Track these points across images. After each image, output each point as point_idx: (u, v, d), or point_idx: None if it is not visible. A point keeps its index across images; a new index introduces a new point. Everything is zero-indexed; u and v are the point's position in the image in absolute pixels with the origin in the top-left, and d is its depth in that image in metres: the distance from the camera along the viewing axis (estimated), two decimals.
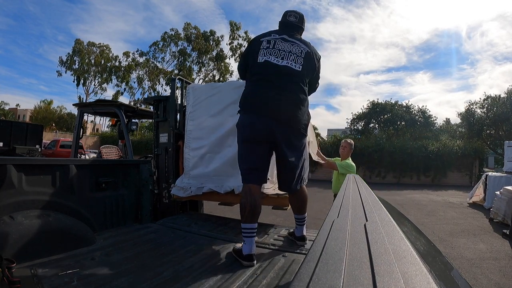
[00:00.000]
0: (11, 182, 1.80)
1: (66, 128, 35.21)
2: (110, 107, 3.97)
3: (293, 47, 1.88)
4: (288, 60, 1.84)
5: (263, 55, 1.85)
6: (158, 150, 2.98)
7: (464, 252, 4.09)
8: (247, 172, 1.82)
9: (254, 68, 1.88)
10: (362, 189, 1.36)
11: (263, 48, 1.87)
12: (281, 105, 1.78)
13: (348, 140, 3.74)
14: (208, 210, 3.69)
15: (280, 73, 1.82)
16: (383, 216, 0.76)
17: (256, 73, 1.87)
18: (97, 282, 1.38)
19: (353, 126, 24.54)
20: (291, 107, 1.81)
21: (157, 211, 2.85)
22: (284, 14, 2.05)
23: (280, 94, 1.79)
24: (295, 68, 1.84)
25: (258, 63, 1.86)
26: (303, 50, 1.90)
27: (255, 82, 1.87)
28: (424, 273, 0.39)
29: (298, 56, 1.87)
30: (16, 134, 11.24)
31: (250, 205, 1.74)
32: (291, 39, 1.91)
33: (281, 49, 1.85)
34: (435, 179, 14.80)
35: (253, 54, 1.90)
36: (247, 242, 1.73)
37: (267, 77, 1.82)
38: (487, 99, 21.83)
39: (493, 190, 7.03)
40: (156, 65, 32.30)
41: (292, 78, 1.84)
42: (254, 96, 1.83)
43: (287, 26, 2.00)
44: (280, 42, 1.88)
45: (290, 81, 1.83)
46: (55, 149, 16.35)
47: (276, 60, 1.83)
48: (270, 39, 1.90)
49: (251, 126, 1.80)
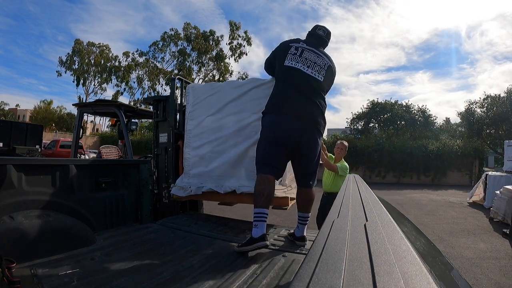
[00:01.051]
0: (11, 182, 1.80)
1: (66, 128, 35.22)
2: (110, 107, 3.97)
3: (318, 59, 2.06)
4: (313, 70, 2.01)
5: (291, 60, 2.02)
6: (158, 150, 2.98)
7: (464, 252, 4.09)
8: (264, 165, 1.94)
9: (282, 71, 2.04)
10: (362, 189, 1.36)
11: (291, 54, 2.03)
12: (307, 110, 1.94)
13: (345, 143, 3.79)
14: (208, 210, 3.69)
15: (305, 80, 1.99)
16: (383, 216, 0.76)
17: (283, 76, 2.03)
18: (97, 282, 1.38)
19: (353, 125, 24.54)
20: (315, 113, 1.97)
21: (157, 211, 2.85)
22: (314, 27, 2.25)
23: (306, 100, 1.95)
24: (318, 78, 2.02)
25: (285, 67, 2.02)
26: (326, 64, 2.08)
27: (282, 85, 2.03)
28: (424, 273, 0.39)
29: (322, 68, 2.05)
30: (16, 134, 11.23)
31: (268, 192, 1.87)
32: (317, 51, 2.09)
33: (307, 58, 2.03)
34: (435, 178, 14.81)
35: (280, 56, 2.07)
36: (260, 226, 1.81)
37: (294, 82, 1.98)
38: (487, 99, 21.85)
39: (493, 189, 7.04)
40: (156, 65, 32.31)
41: (315, 86, 2.00)
42: (282, 99, 1.97)
43: (315, 37, 2.20)
44: (307, 52, 2.05)
45: (313, 89, 2.00)
46: (55, 149, 16.35)
47: (303, 68, 2.00)
48: (298, 46, 2.06)
49: (277, 127, 1.93)
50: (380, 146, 15.65)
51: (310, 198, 2.13)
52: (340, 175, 3.47)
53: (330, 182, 3.60)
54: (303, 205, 2.13)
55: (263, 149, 1.98)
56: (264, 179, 1.89)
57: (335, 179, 3.54)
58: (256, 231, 1.79)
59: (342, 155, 3.71)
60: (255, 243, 1.76)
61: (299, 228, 2.11)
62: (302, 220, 2.11)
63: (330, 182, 3.60)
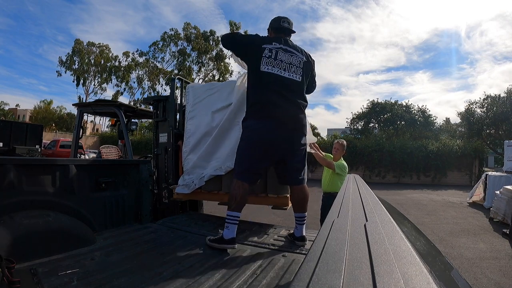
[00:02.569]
0: (11, 182, 1.80)
1: (66, 128, 35.20)
2: (110, 107, 3.97)
3: (292, 58, 2.03)
4: (290, 72, 2.01)
5: (267, 65, 1.97)
6: (158, 150, 2.98)
7: (464, 252, 4.09)
8: (245, 173, 1.97)
9: (258, 76, 1.99)
10: (362, 189, 1.36)
11: (265, 57, 1.97)
12: (289, 114, 1.95)
13: (340, 141, 3.72)
14: (208, 210, 3.69)
15: (284, 84, 1.98)
16: (383, 216, 0.76)
17: (261, 82, 1.99)
18: (97, 282, 1.38)
19: (353, 125, 24.53)
20: (297, 115, 1.99)
21: (157, 211, 2.85)
22: (277, 21, 2.16)
23: (287, 103, 1.95)
24: (296, 79, 2.02)
25: (261, 72, 1.97)
26: (301, 60, 2.06)
27: (261, 90, 1.98)
28: (424, 273, 0.39)
29: (297, 67, 2.04)
30: (16, 134, 11.24)
31: (241, 197, 1.93)
32: (290, 49, 2.05)
33: (283, 60, 2.00)
34: (435, 178, 14.80)
35: (254, 57, 2.01)
36: (231, 228, 1.89)
37: (273, 87, 1.96)
38: (487, 99, 21.84)
39: (493, 189, 7.04)
40: (156, 65, 32.32)
41: (294, 88, 2.01)
42: (263, 104, 1.95)
43: (283, 31, 2.14)
44: (281, 53, 2.00)
45: (293, 91, 2.00)
46: (55, 149, 16.35)
47: (280, 72, 1.97)
48: (272, 47, 2.00)
49: (261, 132, 1.93)
50: (380, 146, 15.64)
51: (304, 196, 2.12)
52: (337, 173, 3.42)
53: (328, 182, 3.55)
54: (299, 204, 2.13)
55: (245, 155, 1.99)
56: (239, 185, 1.94)
57: (333, 178, 3.49)
58: (227, 232, 1.87)
59: (339, 154, 3.65)
60: (223, 244, 1.86)
61: (297, 229, 2.10)
62: (299, 220, 2.11)
63: (328, 182, 3.55)
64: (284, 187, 2.42)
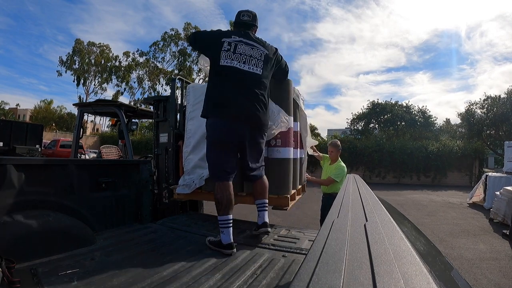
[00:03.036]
0: (11, 182, 1.80)
1: (66, 128, 35.22)
2: (110, 107, 3.97)
3: (253, 51, 2.01)
4: (250, 65, 1.98)
5: (226, 58, 1.95)
6: (158, 150, 2.98)
7: (464, 253, 4.09)
8: (220, 173, 1.97)
9: (218, 70, 1.98)
10: (362, 189, 1.36)
11: (224, 50, 1.95)
12: (250, 109, 1.94)
13: (333, 143, 3.68)
14: (208, 210, 3.69)
15: (243, 78, 1.96)
16: (383, 216, 0.76)
17: (220, 76, 1.98)
18: (97, 282, 1.38)
19: (353, 126, 24.53)
20: (258, 109, 1.97)
21: (157, 211, 2.85)
22: (237, 15, 2.17)
23: (247, 98, 1.95)
24: (257, 71, 2.00)
25: (221, 66, 1.95)
26: (262, 53, 2.05)
27: (220, 85, 1.98)
28: (424, 273, 0.39)
29: (258, 60, 2.02)
30: (16, 134, 11.24)
31: (226, 199, 1.91)
32: (250, 42, 2.03)
33: (242, 53, 1.97)
34: (435, 179, 14.80)
35: (214, 51, 1.99)
36: (226, 233, 1.87)
37: (232, 81, 1.95)
38: (487, 100, 21.83)
39: (493, 190, 7.03)
40: (156, 65, 32.35)
41: (255, 82, 1.99)
42: (223, 100, 1.95)
43: (242, 25, 2.14)
44: (241, 46, 1.98)
45: (253, 85, 1.98)
46: (55, 149, 16.37)
47: (239, 65, 1.95)
48: (231, 41, 1.98)
49: (223, 129, 1.93)
50: (380, 146, 15.64)
51: (264, 186, 2.16)
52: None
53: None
54: (259, 192, 2.16)
55: (214, 155, 2.00)
56: (221, 186, 1.93)
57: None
58: (224, 237, 1.86)
59: (335, 155, 3.65)
60: (222, 249, 1.84)
61: (259, 216, 2.15)
62: (261, 206, 2.15)
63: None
64: (285, 187, 2.43)
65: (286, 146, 2.43)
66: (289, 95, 2.51)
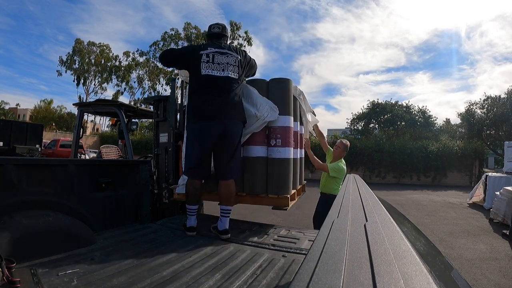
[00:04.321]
0: (11, 182, 1.80)
1: (66, 127, 35.21)
2: (110, 107, 3.97)
3: (228, 59, 2.26)
4: (227, 71, 2.24)
5: (206, 69, 2.21)
6: (158, 150, 2.98)
7: (464, 253, 4.09)
8: (192, 171, 2.29)
9: (199, 80, 2.23)
10: (362, 189, 1.36)
11: (203, 62, 2.21)
12: (225, 111, 2.18)
13: (344, 141, 3.52)
14: (208, 210, 3.69)
15: (222, 83, 2.21)
16: (383, 216, 0.76)
17: (201, 84, 2.22)
18: (97, 282, 1.38)
19: (353, 126, 24.51)
20: (235, 110, 2.21)
21: (157, 211, 2.85)
22: (209, 28, 2.44)
23: (224, 101, 2.18)
24: (233, 76, 2.26)
25: (202, 76, 2.20)
26: (236, 59, 2.29)
27: (201, 93, 2.22)
28: (424, 273, 0.39)
29: (234, 65, 2.27)
30: (16, 134, 11.24)
31: (191, 193, 2.31)
32: (224, 51, 2.28)
33: (220, 62, 2.23)
34: (435, 179, 14.79)
35: (194, 64, 2.23)
36: (190, 219, 2.29)
37: (212, 88, 2.20)
38: (487, 100, 21.82)
39: (493, 190, 7.03)
40: (156, 65, 32.30)
41: (232, 85, 2.24)
42: (203, 106, 2.20)
43: (214, 36, 2.39)
44: (217, 56, 2.24)
45: (231, 88, 2.23)
46: (55, 149, 16.35)
47: (218, 73, 2.22)
48: (208, 52, 2.23)
49: (202, 132, 2.19)
50: (380, 146, 15.63)
51: (230, 191, 2.29)
52: (332, 176, 3.28)
53: (323, 182, 3.43)
54: (225, 198, 2.29)
55: (188, 155, 2.30)
56: (189, 182, 2.32)
57: (327, 180, 3.36)
58: (188, 222, 2.29)
59: (339, 153, 3.47)
60: (186, 231, 2.27)
61: (221, 221, 2.24)
62: (224, 212, 2.26)
63: (323, 182, 3.43)
64: (285, 187, 2.43)
65: (286, 146, 2.43)
66: (289, 95, 2.51)
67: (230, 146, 2.23)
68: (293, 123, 2.55)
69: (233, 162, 2.25)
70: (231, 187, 2.29)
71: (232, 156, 2.24)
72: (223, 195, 2.29)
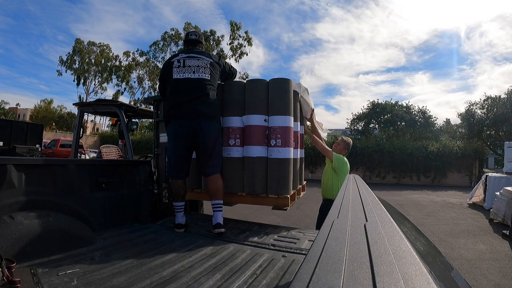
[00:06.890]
0: (11, 182, 1.80)
1: (66, 127, 35.24)
2: (110, 106, 3.97)
3: (199, 62, 2.38)
4: (199, 73, 2.35)
5: (178, 73, 2.36)
6: (158, 150, 2.98)
7: (464, 253, 4.09)
8: (173, 172, 2.39)
9: (171, 83, 2.36)
10: (362, 189, 1.36)
11: (175, 67, 2.37)
12: (198, 110, 2.26)
13: (345, 138, 3.34)
14: (208, 210, 3.69)
15: (194, 84, 2.32)
16: (383, 216, 0.76)
17: (175, 87, 2.35)
18: (97, 282, 1.38)
19: (353, 126, 24.50)
20: (206, 110, 2.29)
21: (157, 211, 2.85)
22: (186, 35, 2.61)
23: (197, 101, 2.28)
24: (205, 77, 2.36)
25: (174, 79, 2.35)
26: (207, 62, 2.41)
27: (174, 95, 2.34)
28: (424, 274, 0.39)
29: (205, 67, 2.38)
30: (16, 134, 11.23)
31: (174, 191, 2.41)
32: (196, 55, 2.40)
33: (191, 66, 2.36)
34: (435, 179, 14.80)
35: (168, 73, 2.40)
36: (178, 216, 2.37)
37: (183, 89, 2.31)
38: (487, 100, 21.80)
39: (493, 190, 7.03)
40: (156, 65, 32.28)
41: (205, 85, 2.34)
42: (176, 107, 2.31)
43: (191, 42, 2.56)
44: (189, 60, 2.38)
45: (204, 88, 2.32)
46: (55, 149, 16.37)
47: (190, 75, 2.34)
48: (179, 58, 2.39)
49: (177, 131, 2.30)
50: (380, 147, 15.64)
51: (217, 185, 2.35)
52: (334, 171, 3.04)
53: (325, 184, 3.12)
54: (213, 193, 2.36)
55: (168, 155, 2.45)
56: (172, 181, 2.44)
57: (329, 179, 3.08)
58: (176, 219, 2.37)
59: (338, 149, 3.24)
60: (175, 228, 2.33)
61: (214, 216, 2.30)
62: (215, 207, 2.32)
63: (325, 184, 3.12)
64: (285, 187, 2.43)
65: (286, 146, 2.43)
66: (289, 95, 2.51)
67: (207, 144, 2.31)
68: (293, 123, 2.55)
69: (212, 160, 2.34)
70: (217, 181, 2.36)
71: (210, 155, 2.33)
72: (210, 190, 2.37)
